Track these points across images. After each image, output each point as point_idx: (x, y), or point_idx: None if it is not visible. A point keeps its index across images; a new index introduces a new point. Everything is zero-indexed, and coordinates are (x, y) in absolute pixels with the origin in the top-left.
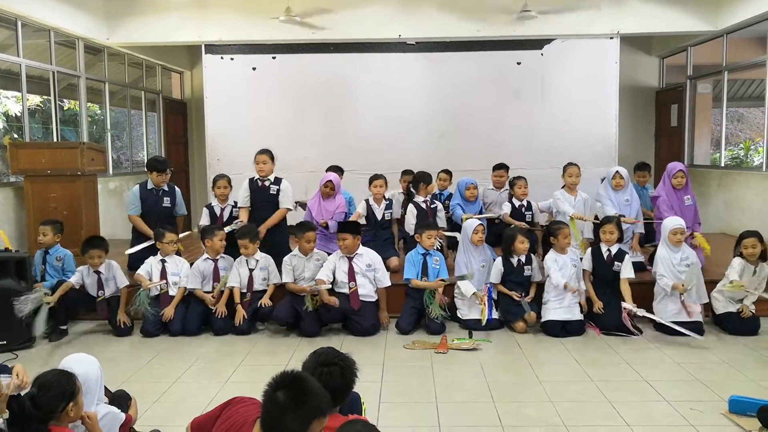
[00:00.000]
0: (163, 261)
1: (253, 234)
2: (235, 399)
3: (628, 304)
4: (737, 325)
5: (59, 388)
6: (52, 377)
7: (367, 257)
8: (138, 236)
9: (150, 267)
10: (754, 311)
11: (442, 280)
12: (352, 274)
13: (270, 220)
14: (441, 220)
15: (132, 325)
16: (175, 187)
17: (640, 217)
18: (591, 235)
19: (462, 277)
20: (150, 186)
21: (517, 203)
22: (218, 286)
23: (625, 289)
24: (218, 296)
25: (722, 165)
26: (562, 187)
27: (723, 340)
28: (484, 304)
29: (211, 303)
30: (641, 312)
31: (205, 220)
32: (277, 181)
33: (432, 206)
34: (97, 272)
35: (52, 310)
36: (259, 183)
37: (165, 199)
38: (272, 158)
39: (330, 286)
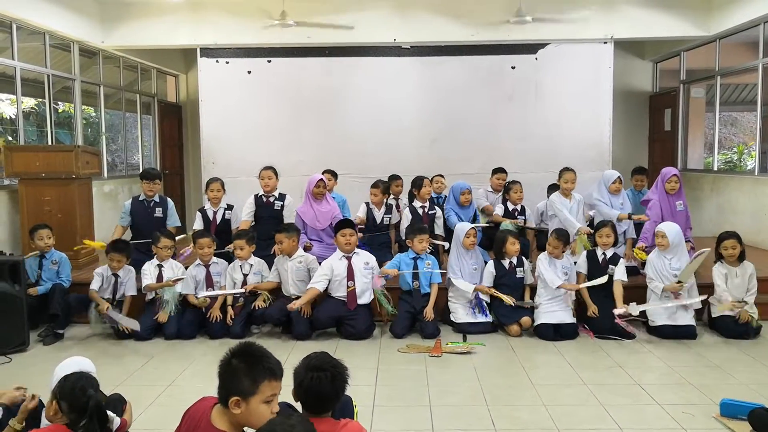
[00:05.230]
0: (159, 266)
1: (249, 236)
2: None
3: (619, 309)
4: (732, 328)
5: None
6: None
7: (364, 256)
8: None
9: (148, 272)
10: (755, 316)
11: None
12: (351, 273)
13: None
14: (439, 228)
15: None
16: (168, 199)
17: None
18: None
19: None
20: (141, 198)
21: (510, 207)
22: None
23: (617, 291)
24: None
25: (715, 169)
26: (557, 190)
27: (716, 343)
28: (498, 293)
29: (202, 304)
30: (635, 310)
31: (198, 224)
32: (281, 197)
33: (431, 212)
34: (116, 275)
35: (53, 315)
36: (264, 199)
37: (157, 209)
38: (276, 174)
39: (320, 290)
